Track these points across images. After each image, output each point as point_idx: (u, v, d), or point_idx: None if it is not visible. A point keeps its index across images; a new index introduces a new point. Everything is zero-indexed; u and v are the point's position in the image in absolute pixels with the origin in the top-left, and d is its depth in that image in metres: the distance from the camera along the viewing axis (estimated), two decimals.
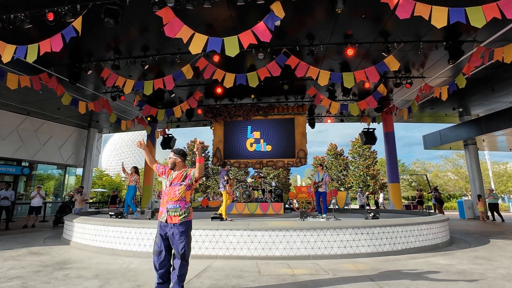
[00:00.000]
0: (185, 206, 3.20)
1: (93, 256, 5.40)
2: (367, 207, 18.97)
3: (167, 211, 3.15)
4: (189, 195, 3.29)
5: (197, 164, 3.16)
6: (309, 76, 7.77)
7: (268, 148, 13.21)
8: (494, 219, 12.90)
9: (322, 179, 8.50)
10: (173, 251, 3.17)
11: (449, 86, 8.88)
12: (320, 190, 8.50)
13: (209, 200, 17.61)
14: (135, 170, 8.63)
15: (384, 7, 5.49)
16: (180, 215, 3.13)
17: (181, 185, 3.21)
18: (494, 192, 13.39)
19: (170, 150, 3.70)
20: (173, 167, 3.29)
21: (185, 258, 3.09)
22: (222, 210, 7.71)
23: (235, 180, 12.72)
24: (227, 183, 7.87)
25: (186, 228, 3.15)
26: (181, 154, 3.33)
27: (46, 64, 8.84)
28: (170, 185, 3.24)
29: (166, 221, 3.14)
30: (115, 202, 15.33)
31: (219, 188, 8.07)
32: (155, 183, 21.24)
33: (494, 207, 12.91)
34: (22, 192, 15.49)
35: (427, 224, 6.07)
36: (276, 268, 4.49)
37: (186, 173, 3.26)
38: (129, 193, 8.31)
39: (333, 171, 35.77)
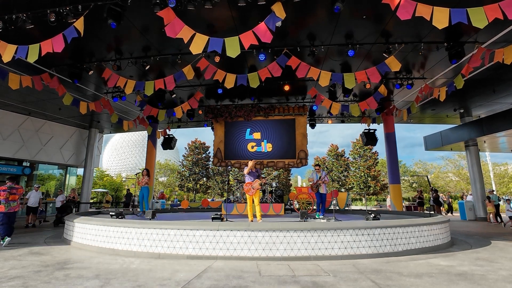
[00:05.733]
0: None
1: (93, 256, 5.41)
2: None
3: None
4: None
5: None
6: (310, 77, 7.77)
7: (269, 148, 13.20)
8: (501, 221, 12.70)
9: (320, 177, 8.25)
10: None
11: (447, 87, 8.87)
12: (321, 191, 8.32)
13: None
14: (147, 172, 9.14)
15: (385, 8, 5.50)
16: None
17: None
18: (494, 194, 13.30)
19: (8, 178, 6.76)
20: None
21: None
22: (258, 213, 6.99)
23: (236, 181, 12.69)
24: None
25: None
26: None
27: (47, 64, 8.87)
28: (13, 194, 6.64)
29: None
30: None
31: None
32: (155, 183, 21.21)
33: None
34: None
35: (428, 225, 6.05)
36: (276, 269, 4.49)
37: None
38: (144, 193, 8.98)
39: (334, 172, 35.74)
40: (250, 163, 7.20)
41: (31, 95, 11.38)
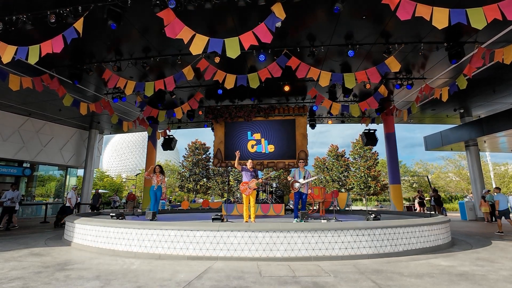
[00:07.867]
0: None
1: (94, 257, 5.40)
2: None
3: None
4: None
5: None
6: (310, 77, 7.78)
7: (269, 149, 13.21)
8: (495, 220, 12.81)
9: (304, 177, 7.49)
10: None
11: (449, 87, 8.87)
12: (302, 190, 7.49)
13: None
14: (161, 169, 8.41)
15: (385, 8, 5.50)
16: None
17: None
18: (489, 194, 13.30)
19: None
20: None
21: None
22: (252, 214, 6.90)
23: (237, 181, 12.65)
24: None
25: None
26: None
27: (47, 65, 8.87)
28: None
29: None
30: None
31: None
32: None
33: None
34: (23, 193, 15.52)
35: (428, 225, 6.05)
36: (277, 269, 4.48)
37: None
38: (157, 193, 8.29)
39: (334, 172, 35.75)
40: (248, 163, 7.07)
41: (31, 96, 11.39)
